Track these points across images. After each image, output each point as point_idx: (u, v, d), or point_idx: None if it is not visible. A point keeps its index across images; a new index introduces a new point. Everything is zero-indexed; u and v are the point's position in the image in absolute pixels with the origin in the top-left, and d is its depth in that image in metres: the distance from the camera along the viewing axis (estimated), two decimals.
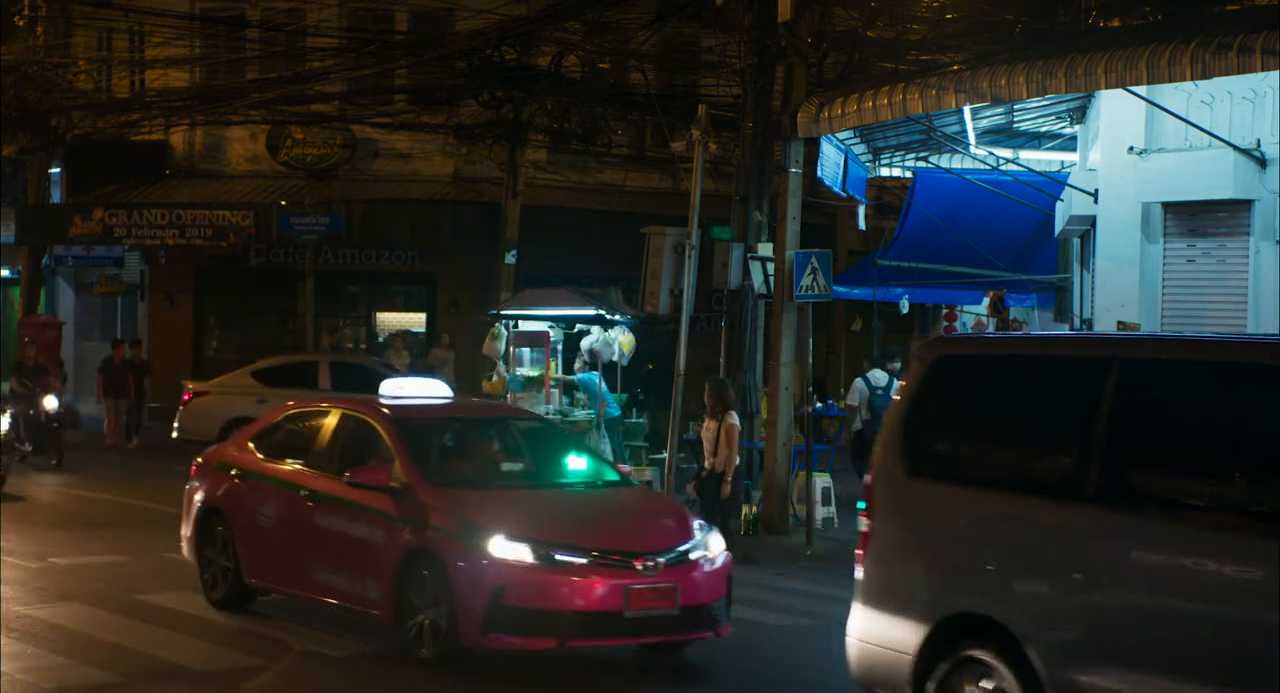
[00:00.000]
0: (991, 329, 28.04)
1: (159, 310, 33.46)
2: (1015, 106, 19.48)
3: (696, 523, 11.43)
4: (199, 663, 10.83)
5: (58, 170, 33.36)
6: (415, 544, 10.90)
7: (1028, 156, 22.96)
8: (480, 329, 24.74)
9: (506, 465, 12.64)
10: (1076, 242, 21.41)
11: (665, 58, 29.00)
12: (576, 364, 22.29)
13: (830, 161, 19.89)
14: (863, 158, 22.65)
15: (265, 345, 32.29)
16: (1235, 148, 16.63)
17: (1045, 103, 19.02)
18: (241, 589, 12.58)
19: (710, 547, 11.15)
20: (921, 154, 23.21)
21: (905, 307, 25.86)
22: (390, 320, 33.32)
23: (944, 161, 23.28)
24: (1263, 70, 14.31)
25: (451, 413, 13.39)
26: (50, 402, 24.05)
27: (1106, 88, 16.08)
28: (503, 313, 22.64)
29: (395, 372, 23.86)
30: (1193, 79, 14.81)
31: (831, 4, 18.30)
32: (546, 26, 24.76)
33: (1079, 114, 20.38)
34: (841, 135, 19.41)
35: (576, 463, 12.47)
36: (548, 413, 21.37)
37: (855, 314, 32.70)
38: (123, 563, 15.04)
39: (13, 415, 22.61)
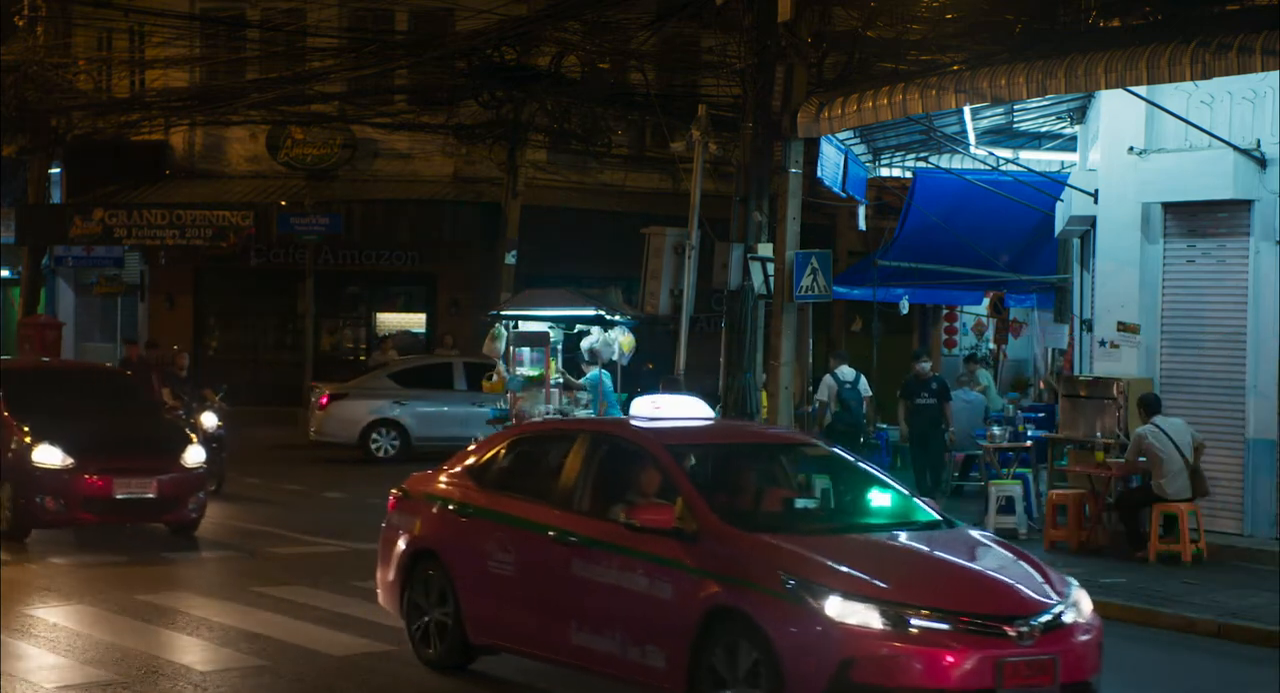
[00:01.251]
0: (991, 329, 28.08)
1: (159, 310, 33.48)
2: (1015, 106, 19.46)
3: (1063, 577, 9.46)
4: (199, 663, 10.83)
5: (58, 170, 33.37)
6: (720, 603, 8.93)
7: (1028, 156, 22.95)
8: (480, 329, 24.75)
9: (803, 504, 10.62)
10: (1076, 242, 21.41)
11: (665, 58, 29.01)
12: (584, 368, 22.18)
13: (830, 162, 19.87)
14: (863, 158, 22.63)
15: (265, 345, 32.32)
16: (1235, 148, 16.62)
17: (1045, 103, 19.01)
18: (464, 647, 10.67)
19: (1082, 607, 9.20)
20: (921, 154, 23.19)
21: (905, 307, 25.85)
22: (390, 320, 33.33)
23: (944, 161, 23.26)
24: (1263, 70, 14.30)
25: (730, 438, 11.32)
26: (209, 419, 20.72)
27: (1106, 88, 16.07)
28: (503, 313, 22.62)
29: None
30: (1193, 79, 14.80)
31: (831, 4, 18.28)
32: (546, 26, 24.75)
33: (1079, 114, 20.38)
34: (841, 135, 19.40)
35: (881, 500, 10.43)
36: (548, 413, 21.38)
37: (855, 314, 32.68)
38: (121, 562, 15.05)
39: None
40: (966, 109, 18.75)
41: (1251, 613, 13.36)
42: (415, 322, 33.25)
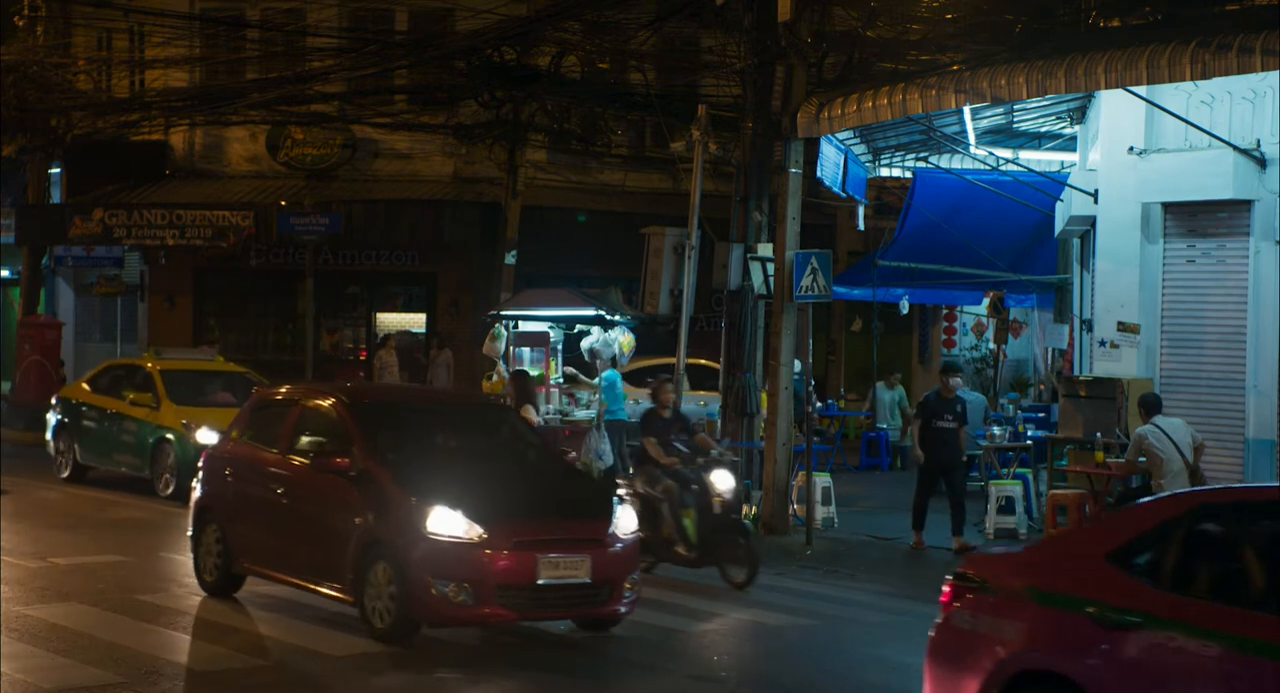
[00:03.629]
0: (991, 329, 28.09)
1: (159, 310, 33.46)
2: (1015, 106, 19.49)
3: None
4: (199, 663, 10.83)
5: (58, 170, 33.36)
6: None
7: (1028, 156, 22.97)
8: (480, 329, 24.75)
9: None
10: (1076, 242, 21.43)
11: (665, 58, 29.01)
12: (597, 365, 22.10)
13: (830, 161, 19.89)
14: (863, 158, 22.65)
15: (265, 346, 32.30)
16: (1235, 148, 16.64)
17: (1045, 103, 19.03)
18: None
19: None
20: (921, 154, 23.22)
21: (905, 307, 25.88)
22: (390, 320, 33.31)
23: (944, 162, 23.29)
24: (1263, 70, 14.32)
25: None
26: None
27: (1106, 88, 16.08)
28: (503, 313, 22.63)
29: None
30: (1193, 79, 14.82)
31: (831, 4, 18.29)
32: (546, 26, 24.75)
33: (1079, 114, 20.39)
34: (841, 135, 19.42)
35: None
36: (548, 413, 21.39)
37: (855, 314, 32.71)
38: (122, 563, 15.04)
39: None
40: (966, 109, 18.77)
41: None
42: (415, 322, 33.24)
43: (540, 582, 11.19)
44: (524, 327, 22.30)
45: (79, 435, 21.77)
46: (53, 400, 22.92)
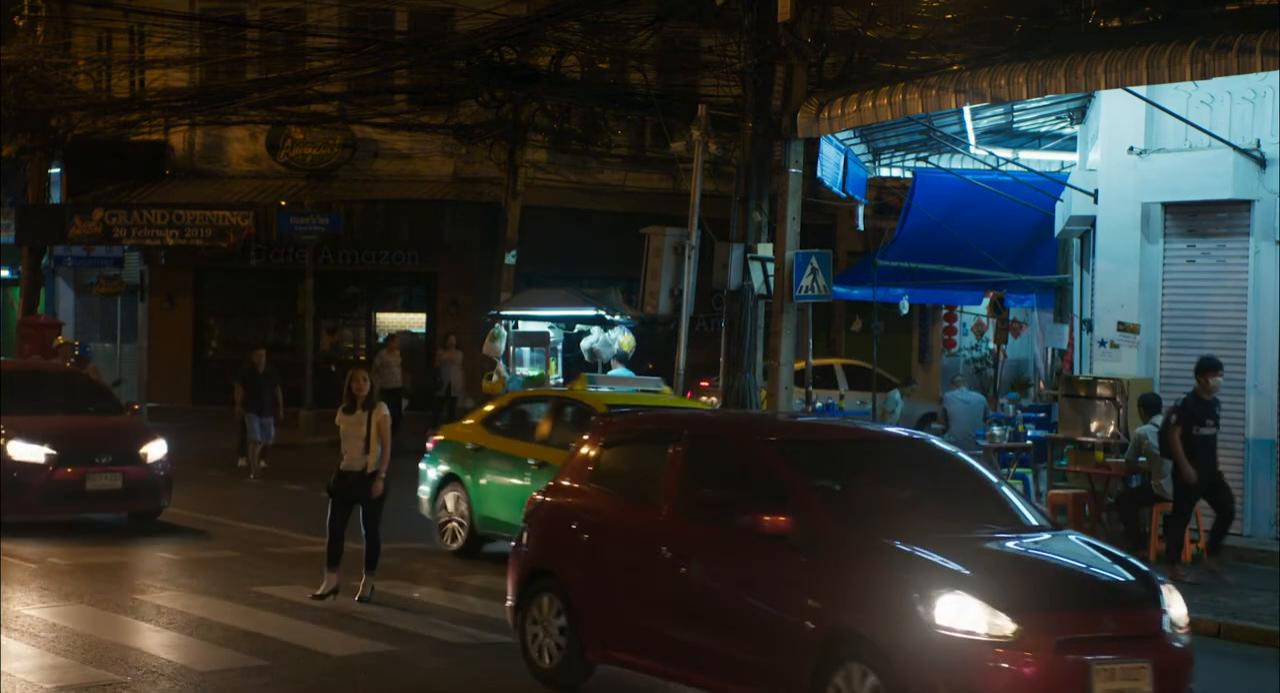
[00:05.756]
0: (991, 329, 28.08)
1: (159, 310, 33.48)
2: (1015, 106, 19.47)
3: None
4: (199, 663, 10.83)
5: (58, 170, 33.38)
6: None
7: (1028, 156, 22.96)
8: (480, 329, 24.75)
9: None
10: (1076, 242, 21.42)
11: (665, 58, 29.02)
12: (611, 363, 22.05)
13: (830, 162, 19.88)
14: (863, 158, 22.64)
15: (265, 346, 32.29)
16: (1235, 148, 16.63)
17: (1045, 103, 19.02)
18: None
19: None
20: (921, 154, 23.21)
21: (905, 307, 25.86)
22: (390, 320, 33.33)
23: (944, 162, 23.28)
24: (1263, 70, 14.31)
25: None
26: None
27: (1106, 88, 16.08)
28: (503, 313, 22.64)
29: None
30: (1193, 79, 14.81)
31: (831, 4, 18.28)
32: (546, 26, 24.76)
33: (1079, 114, 20.38)
34: (841, 135, 19.41)
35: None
36: None
37: (855, 314, 32.72)
38: (121, 562, 15.05)
39: None
40: (966, 109, 18.76)
41: (1251, 613, 13.37)
42: (415, 322, 33.25)
43: None
44: (524, 327, 22.32)
45: (477, 495, 15.82)
46: (430, 443, 17.01)
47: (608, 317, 21.43)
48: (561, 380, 23.25)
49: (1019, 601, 8.07)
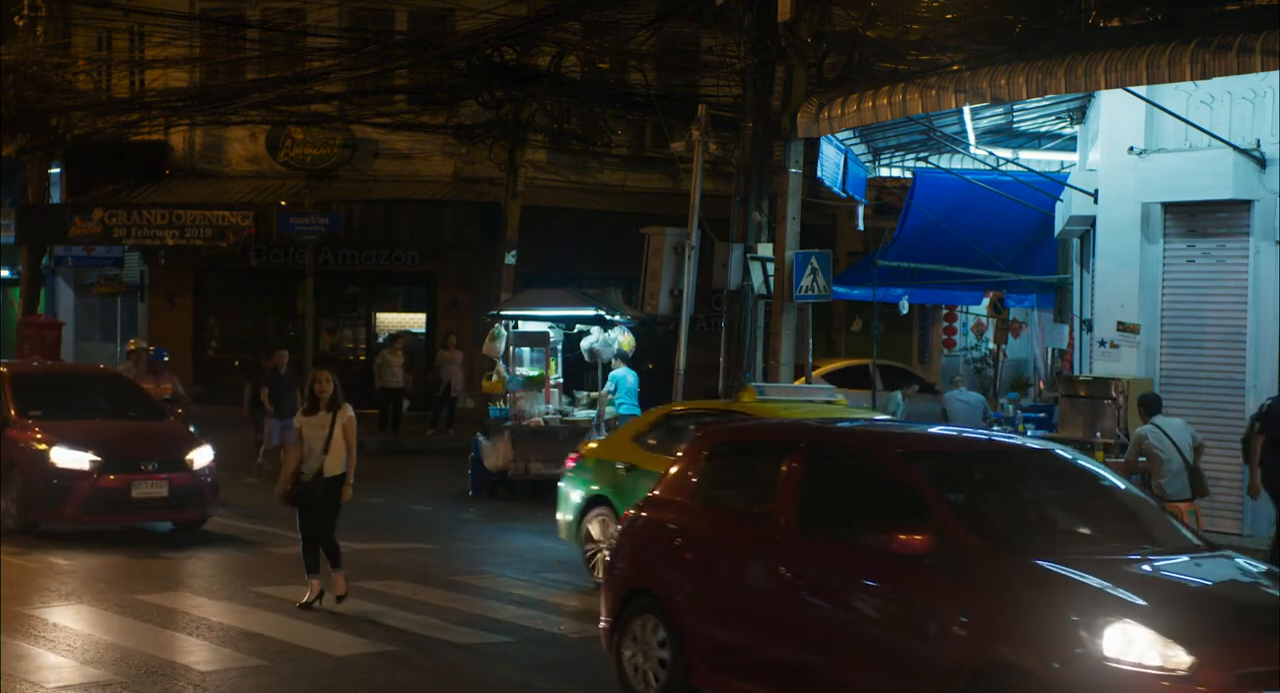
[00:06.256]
0: (991, 329, 28.09)
1: (159, 310, 33.48)
2: (1015, 106, 19.47)
3: None
4: (199, 663, 10.83)
5: (58, 170, 33.38)
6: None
7: (1028, 156, 22.96)
8: (480, 329, 24.73)
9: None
10: (1076, 242, 21.41)
11: (665, 58, 29.02)
12: (614, 363, 21.95)
13: (830, 162, 19.89)
14: (863, 158, 22.65)
15: (265, 346, 32.28)
16: (1235, 148, 16.63)
17: (1045, 103, 19.02)
18: None
19: None
20: (921, 154, 23.21)
21: (905, 307, 25.86)
22: (390, 320, 33.32)
23: (944, 162, 23.28)
24: (1263, 70, 14.32)
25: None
26: None
27: (1106, 88, 16.08)
28: (503, 313, 22.61)
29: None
30: (1193, 79, 14.81)
31: (831, 4, 18.30)
32: (546, 26, 24.76)
33: (1079, 114, 20.38)
34: (841, 135, 19.41)
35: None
36: (547, 413, 21.38)
37: (855, 314, 32.72)
38: (121, 562, 15.04)
39: None
40: (966, 109, 18.76)
41: None
42: (415, 322, 33.25)
43: None
44: (524, 327, 22.27)
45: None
46: (569, 460, 15.67)
47: (608, 317, 21.39)
48: (561, 380, 23.22)
49: (1194, 630, 7.38)
